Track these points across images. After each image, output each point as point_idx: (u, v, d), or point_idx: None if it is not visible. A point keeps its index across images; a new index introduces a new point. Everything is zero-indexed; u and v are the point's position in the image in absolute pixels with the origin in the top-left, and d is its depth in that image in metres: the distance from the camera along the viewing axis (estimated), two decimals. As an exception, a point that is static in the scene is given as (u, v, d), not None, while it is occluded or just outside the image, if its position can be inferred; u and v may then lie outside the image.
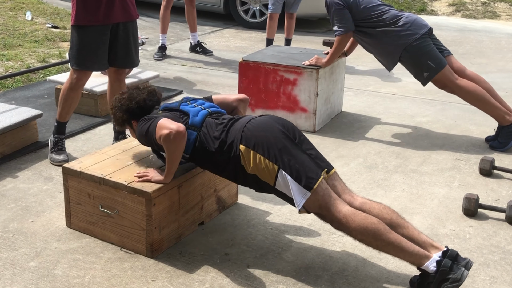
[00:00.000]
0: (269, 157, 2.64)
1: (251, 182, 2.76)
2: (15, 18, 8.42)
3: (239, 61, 4.78)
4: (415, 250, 2.51)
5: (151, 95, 3.05)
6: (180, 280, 2.68)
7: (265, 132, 2.69)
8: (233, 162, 2.73)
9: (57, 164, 3.86)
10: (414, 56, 4.36)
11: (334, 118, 4.97)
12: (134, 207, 2.82)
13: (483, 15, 10.36)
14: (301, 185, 2.59)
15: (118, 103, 3.04)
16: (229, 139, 2.74)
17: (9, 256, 2.85)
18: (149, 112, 2.99)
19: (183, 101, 3.02)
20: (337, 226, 2.62)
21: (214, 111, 2.94)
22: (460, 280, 2.44)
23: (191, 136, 2.82)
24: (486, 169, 3.81)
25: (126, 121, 3.05)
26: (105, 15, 3.69)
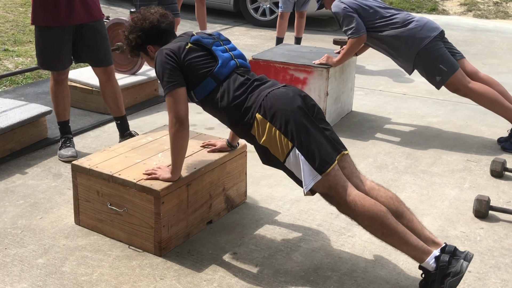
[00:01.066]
0: (285, 133, 2.55)
1: (259, 152, 2.70)
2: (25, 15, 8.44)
3: (248, 60, 4.76)
4: (418, 244, 2.48)
5: (163, 17, 2.91)
6: (188, 278, 2.66)
7: (285, 105, 2.59)
8: (244, 126, 2.67)
9: (65, 160, 3.87)
10: (426, 60, 4.33)
11: (344, 117, 4.95)
12: (142, 205, 2.81)
13: (495, 15, 10.28)
14: (314, 167, 2.52)
15: (131, 23, 2.89)
16: (247, 103, 2.66)
17: (18, 252, 2.85)
18: (164, 36, 2.86)
19: (215, 40, 2.85)
20: (344, 209, 2.56)
21: (242, 64, 2.84)
22: (461, 272, 2.42)
23: (210, 85, 2.72)
24: (498, 171, 3.77)
25: (141, 45, 2.90)
26: (65, 16, 3.69)
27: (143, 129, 4.44)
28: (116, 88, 4.04)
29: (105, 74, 3.98)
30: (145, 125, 4.62)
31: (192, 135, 3.37)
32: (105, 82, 4.00)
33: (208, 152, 3.16)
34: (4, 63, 6.17)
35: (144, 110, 5.02)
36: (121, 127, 4.14)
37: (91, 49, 3.88)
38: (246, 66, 2.88)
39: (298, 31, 6.78)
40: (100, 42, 3.89)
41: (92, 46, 3.87)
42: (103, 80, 4.00)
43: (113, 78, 4.02)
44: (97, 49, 3.88)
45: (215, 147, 3.18)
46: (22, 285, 2.59)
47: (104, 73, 3.97)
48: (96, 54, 3.91)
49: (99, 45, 3.88)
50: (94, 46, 3.87)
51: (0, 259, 2.79)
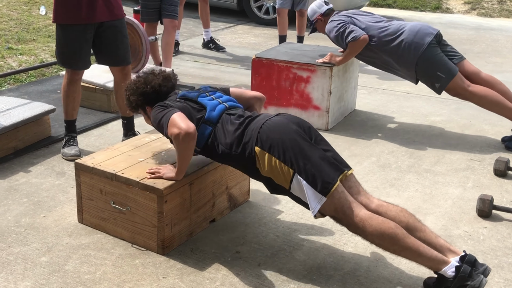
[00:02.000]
0: (284, 161, 2.59)
1: (266, 183, 2.74)
2: (29, 13, 8.45)
3: (252, 58, 4.76)
4: (433, 255, 2.47)
5: (166, 81, 3.00)
6: (191, 277, 2.67)
7: (281, 134, 2.64)
8: (247, 162, 2.71)
9: (69, 159, 3.88)
10: (424, 68, 4.33)
11: (347, 116, 4.94)
12: (145, 204, 2.82)
13: (499, 13, 10.26)
14: (316, 190, 2.55)
15: (133, 86, 2.99)
16: (245, 139, 2.70)
17: (21, 251, 2.85)
18: (164, 98, 2.95)
19: (201, 92, 2.97)
20: (354, 230, 2.58)
21: (232, 106, 2.90)
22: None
23: (206, 130, 2.79)
24: (501, 170, 3.77)
25: (140, 105, 3.00)
26: (87, 14, 3.69)
27: (146, 128, 4.44)
28: None
29: (122, 73, 3.97)
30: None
31: (195, 133, 3.37)
32: (121, 81, 3.99)
33: None
34: (8, 62, 6.18)
35: (148, 109, 5.01)
36: (126, 126, 4.15)
37: (111, 48, 3.88)
38: (237, 106, 2.94)
39: (300, 30, 6.77)
40: (120, 41, 3.88)
41: (112, 44, 3.86)
42: (119, 79, 3.99)
43: (129, 78, 4.01)
44: (116, 47, 3.88)
45: None
46: (25, 283, 2.60)
47: (121, 72, 3.97)
48: (115, 53, 3.90)
49: (119, 43, 3.88)
50: (114, 45, 3.87)
51: (4, 257, 2.80)
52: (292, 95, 4.61)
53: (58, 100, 5.07)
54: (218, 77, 6.05)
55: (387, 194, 3.51)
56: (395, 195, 3.52)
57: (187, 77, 5.99)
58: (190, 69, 6.34)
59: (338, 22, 4.43)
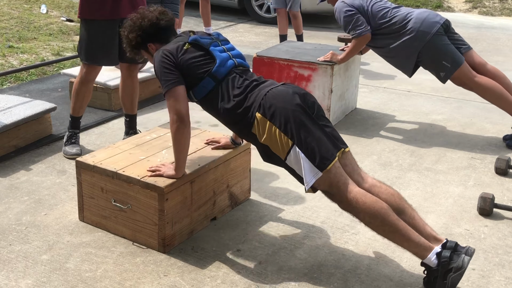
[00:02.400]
0: (285, 131, 2.56)
1: (260, 150, 2.71)
2: (30, 11, 8.46)
3: (253, 57, 4.75)
4: (420, 241, 2.48)
5: (162, 15, 2.91)
6: (192, 275, 2.67)
7: (284, 103, 2.60)
8: (243, 125, 2.68)
9: (70, 157, 3.88)
10: (429, 57, 4.30)
11: (348, 114, 4.94)
12: (146, 202, 2.82)
13: (500, 12, 10.24)
14: (314, 164, 2.53)
15: (130, 22, 2.90)
16: (247, 103, 2.66)
17: (22, 249, 2.85)
18: (164, 33, 2.87)
19: (213, 41, 2.84)
20: (345, 206, 2.57)
21: (240, 64, 2.84)
22: (463, 267, 2.42)
23: (209, 84, 2.73)
24: (502, 168, 3.76)
25: (141, 43, 2.90)
26: (112, 9, 3.69)
27: (147, 126, 4.45)
28: (135, 86, 4.05)
29: (130, 71, 3.97)
30: (149, 122, 4.62)
31: (196, 132, 3.37)
32: (127, 78, 3.99)
33: (212, 149, 3.16)
34: (9, 60, 6.18)
35: (148, 107, 5.02)
36: (129, 124, 4.14)
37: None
38: (245, 65, 2.87)
39: (297, 29, 6.70)
40: None
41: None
42: (126, 76, 3.99)
43: (135, 76, 4.02)
44: None
45: (219, 144, 3.18)
46: (26, 281, 2.60)
47: (129, 69, 3.97)
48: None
49: None
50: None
51: (5, 255, 2.80)
52: (293, 93, 4.60)
53: (59, 98, 5.08)
54: (219, 76, 6.04)
55: (388, 193, 3.51)
56: (396, 193, 3.51)
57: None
58: (191, 68, 6.32)
59: (347, 9, 4.35)
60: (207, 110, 2.85)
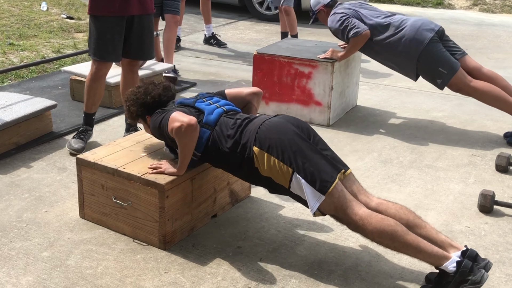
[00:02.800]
0: (283, 160, 2.60)
1: (265, 183, 2.75)
2: (30, 9, 8.46)
3: (253, 54, 4.75)
4: (433, 251, 2.47)
5: (166, 91, 3.02)
6: (193, 272, 2.67)
7: (279, 134, 2.65)
8: (246, 163, 2.71)
9: (70, 151, 3.93)
10: (425, 65, 4.32)
11: (348, 112, 4.94)
12: (147, 199, 2.82)
13: (501, 9, 10.23)
14: (315, 188, 2.55)
15: (133, 97, 3.00)
16: (243, 140, 2.71)
17: (23, 246, 2.86)
18: (164, 107, 2.97)
19: (198, 98, 2.99)
20: (354, 228, 2.58)
21: (230, 110, 2.91)
22: (480, 283, 2.40)
23: (204, 134, 2.79)
24: (503, 166, 3.76)
25: (140, 115, 3.02)
26: (120, 6, 3.71)
27: (148, 123, 4.44)
28: (136, 82, 4.04)
29: (131, 66, 3.99)
30: (150, 119, 4.62)
31: (197, 129, 3.37)
32: (127, 73, 4.00)
33: None
34: (9, 57, 6.18)
35: (149, 104, 5.01)
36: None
37: (137, 42, 3.87)
38: (235, 110, 2.94)
39: (291, 28, 6.57)
40: (146, 36, 3.88)
41: (138, 39, 3.86)
42: (126, 71, 4.00)
43: (135, 72, 4.03)
44: (142, 42, 3.87)
45: None
46: (27, 278, 2.60)
47: (130, 65, 3.98)
48: (140, 47, 3.89)
49: (145, 38, 3.87)
50: (140, 39, 3.86)
51: (6, 252, 2.80)
52: (294, 90, 4.61)
53: (59, 95, 5.08)
54: (220, 73, 6.05)
55: (389, 190, 3.51)
56: (397, 190, 3.52)
57: (188, 73, 5.99)
58: (191, 65, 6.33)
59: (341, 15, 4.41)
60: (212, 162, 2.89)
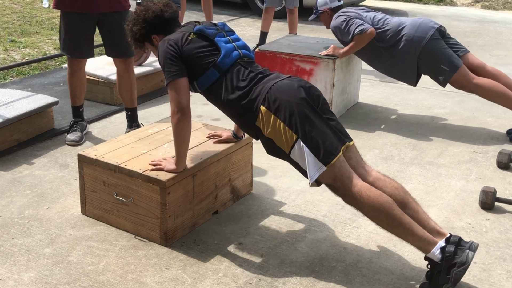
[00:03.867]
0: (289, 125, 2.55)
1: (265, 143, 2.71)
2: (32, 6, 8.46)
3: (254, 51, 4.75)
4: (424, 235, 2.48)
5: (167, 6, 2.92)
6: (194, 268, 2.68)
7: (289, 97, 2.59)
8: (248, 117, 2.67)
9: (69, 144, 3.99)
10: (427, 62, 4.32)
11: (350, 109, 4.94)
12: (148, 195, 2.82)
13: (503, 6, 10.22)
14: (318, 158, 2.52)
15: (134, 15, 2.90)
16: (252, 95, 2.65)
17: (25, 242, 2.87)
18: (168, 25, 2.87)
19: (219, 31, 2.83)
20: (349, 200, 2.57)
21: (245, 55, 2.82)
22: (466, 262, 2.42)
23: (213, 75, 2.72)
24: (504, 162, 3.76)
25: (145, 36, 2.90)
26: (84, 3, 3.73)
27: (149, 120, 4.45)
28: (133, 80, 4.07)
29: (124, 65, 4.00)
30: (151, 116, 4.63)
31: (198, 126, 3.38)
32: (123, 72, 4.02)
33: (214, 143, 3.16)
34: (11, 54, 6.19)
35: (150, 101, 5.03)
36: (130, 118, 4.16)
37: (111, 40, 3.91)
38: (250, 56, 2.86)
39: (291, 28, 6.55)
40: (120, 34, 3.87)
41: (113, 37, 3.89)
42: (121, 71, 4.02)
43: (131, 70, 4.05)
44: (117, 40, 3.89)
45: (221, 138, 3.19)
46: (29, 274, 2.61)
47: (123, 64, 4.00)
48: (115, 45, 3.93)
49: (121, 36, 3.87)
50: (114, 38, 3.89)
51: (7, 248, 2.81)
52: (295, 87, 4.60)
53: (61, 92, 5.09)
54: (221, 70, 6.04)
55: (390, 186, 3.51)
56: (398, 187, 3.52)
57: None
58: (193, 62, 6.32)
59: (345, 17, 4.42)
60: (211, 101, 2.84)
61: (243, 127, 2.81)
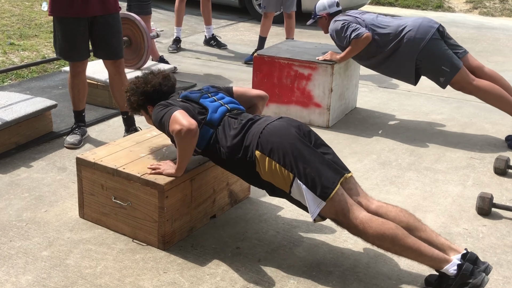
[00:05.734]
0: (284, 165, 2.59)
1: (266, 187, 2.75)
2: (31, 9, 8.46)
3: (253, 56, 4.76)
4: (434, 254, 2.47)
5: (166, 80, 3.03)
6: (191, 272, 2.68)
7: (281, 138, 2.64)
8: (247, 166, 2.71)
9: (67, 146, 4.02)
10: (428, 63, 4.32)
11: (348, 114, 4.95)
12: (146, 199, 2.83)
13: (500, 12, 10.26)
14: (316, 194, 2.55)
15: (133, 86, 3.01)
16: (246, 142, 2.71)
17: (22, 245, 2.87)
18: (165, 98, 2.97)
19: (203, 93, 2.97)
20: (354, 232, 2.58)
21: (233, 108, 2.91)
22: (481, 286, 2.41)
23: (207, 133, 2.80)
24: (501, 168, 3.78)
25: (142, 105, 3.01)
26: (80, 7, 3.78)
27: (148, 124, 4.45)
28: (125, 82, 4.07)
29: (114, 67, 4.02)
30: (150, 120, 4.63)
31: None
32: (114, 75, 4.05)
33: None
34: (10, 57, 6.19)
35: (149, 105, 5.03)
36: (127, 122, 4.17)
37: (103, 42, 3.94)
38: (239, 108, 2.94)
39: (288, 33, 6.57)
40: (112, 35, 3.93)
41: (104, 39, 3.93)
42: (112, 73, 4.05)
43: (122, 72, 4.06)
44: (108, 42, 3.94)
45: None
46: (26, 277, 2.61)
47: (113, 66, 4.02)
48: (107, 47, 3.96)
49: (111, 38, 3.93)
50: (105, 39, 3.93)
51: (5, 251, 2.81)
52: (293, 92, 4.62)
53: (59, 95, 5.09)
54: (220, 74, 6.06)
55: (387, 192, 3.52)
56: (395, 192, 3.53)
57: (188, 74, 6.00)
58: (191, 66, 6.34)
59: (342, 22, 4.44)
60: (212, 159, 2.90)
61: (248, 178, 2.84)
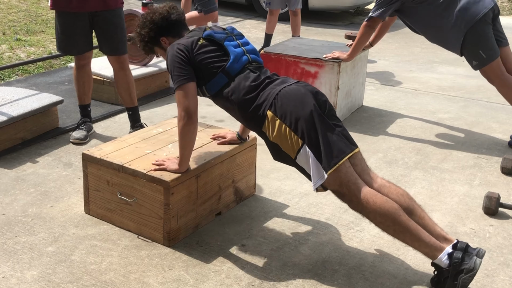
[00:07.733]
0: (295, 130, 2.55)
1: (270, 148, 2.71)
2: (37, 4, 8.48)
3: (260, 53, 4.75)
4: (431, 241, 2.47)
5: (173, 9, 2.92)
6: (196, 269, 2.68)
7: (296, 102, 2.58)
8: (255, 122, 2.68)
9: (73, 141, 4.03)
10: (470, 42, 4.11)
11: (354, 112, 4.94)
12: (152, 196, 2.82)
13: (508, 12, 10.21)
14: (323, 163, 2.52)
15: (142, 19, 2.90)
16: (259, 100, 2.65)
17: (28, 240, 2.87)
18: (175, 27, 2.88)
19: (228, 35, 2.85)
20: (355, 206, 2.56)
21: (254, 60, 2.84)
22: (474, 269, 2.41)
23: (222, 80, 2.73)
24: (508, 168, 3.75)
25: (154, 38, 2.89)
26: (77, 2, 3.80)
27: (154, 121, 4.46)
28: (129, 78, 4.08)
29: (118, 63, 4.02)
30: (156, 116, 4.63)
31: (202, 127, 3.38)
32: (118, 71, 4.05)
33: (218, 144, 3.16)
34: (17, 53, 6.20)
35: (155, 102, 5.03)
36: (132, 118, 4.16)
37: (104, 38, 3.96)
38: (259, 61, 2.87)
39: (294, 30, 6.56)
40: (113, 31, 3.93)
41: (104, 34, 3.94)
42: (116, 69, 4.05)
43: (126, 68, 4.05)
44: (109, 37, 3.95)
45: (225, 140, 3.19)
46: (31, 273, 2.61)
47: (117, 62, 4.02)
48: (108, 43, 3.98)
49: (112, 34, 3.94)
50: (106, 35, 3.94)
51: (11, 246, 2.81)
52: (300, 90, 4.59)
53: (66, 91, 5.10)
54: (226, 71, 6.04)
55: (393, 190, 3.51)
56: (402, 191, 3.51)
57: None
58: (197, 63, 6.33)
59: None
60: (219, 105, 2.85)
61: (252, 130, 2.82)
